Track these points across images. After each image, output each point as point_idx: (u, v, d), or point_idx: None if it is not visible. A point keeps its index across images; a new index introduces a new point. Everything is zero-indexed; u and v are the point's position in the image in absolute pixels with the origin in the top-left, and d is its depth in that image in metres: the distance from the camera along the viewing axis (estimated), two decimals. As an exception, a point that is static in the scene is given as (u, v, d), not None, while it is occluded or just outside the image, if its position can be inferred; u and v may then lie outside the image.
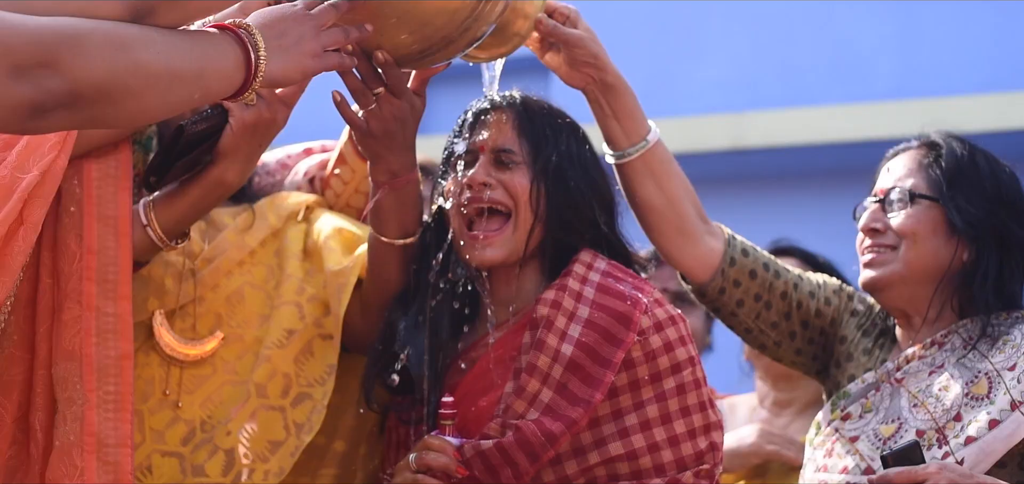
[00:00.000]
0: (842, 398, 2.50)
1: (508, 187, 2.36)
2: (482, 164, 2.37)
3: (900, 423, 2.39)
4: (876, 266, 2.49)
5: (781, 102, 8.18)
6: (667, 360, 2.27)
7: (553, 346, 2.24)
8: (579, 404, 2.21)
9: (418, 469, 2.22)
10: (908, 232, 2.46)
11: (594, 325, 2.26)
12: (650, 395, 2.25)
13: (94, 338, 2.12)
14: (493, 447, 2.19)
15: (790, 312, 2.56)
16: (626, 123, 2.46)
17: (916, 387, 2.42)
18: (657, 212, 2.50)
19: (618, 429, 2.23)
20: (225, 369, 2.40)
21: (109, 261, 2.15)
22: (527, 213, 2.36)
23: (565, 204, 2.36)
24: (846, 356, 2.57)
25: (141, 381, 2.32)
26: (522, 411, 2.22)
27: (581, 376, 2.23)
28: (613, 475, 2.22)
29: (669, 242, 2.53)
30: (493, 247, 2.35)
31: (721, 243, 2.54)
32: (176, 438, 2.33)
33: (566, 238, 2.38)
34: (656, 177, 2.48)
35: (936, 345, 2.45)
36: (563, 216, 2.37)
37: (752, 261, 2.55)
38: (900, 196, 2.47)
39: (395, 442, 2.43)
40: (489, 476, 2.20)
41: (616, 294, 2.29)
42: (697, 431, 2.27)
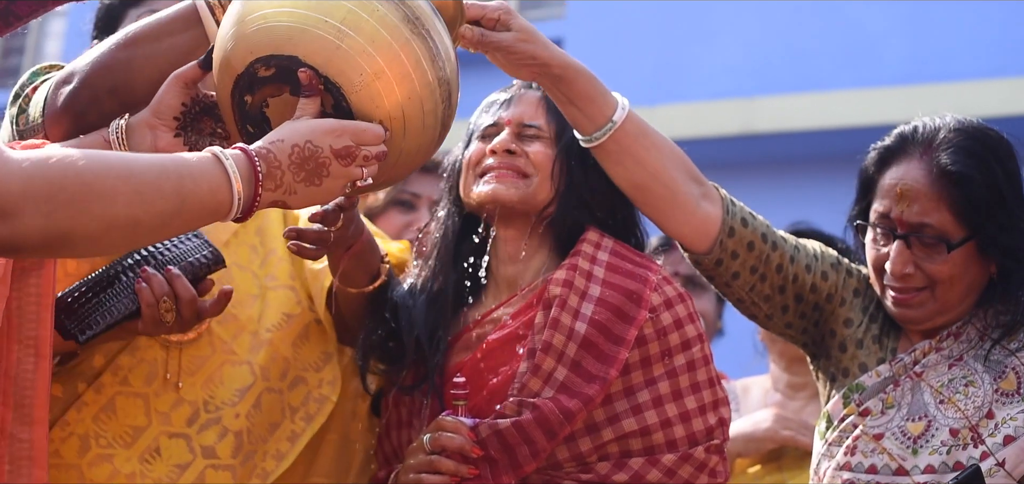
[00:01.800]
0: (855, 391, 2.44)
1: (531, 157, 2.39)
2: (507, 134, 2.41)
3: (929, 421, 2.35)
4: (909, 307, 2.40)
5: (791, 87, 8.19)
6: (677, 337, 2.29)
7: (567, 324, 2.26)
8: (594, 381, 2.23)
9: (433, 450, 2.23)
10: (946, 278, 2.36)
11: (606, 303, 2.28)
12: (661, 372, 2.28)
13: (7, 466, 2.00)
14: (511, 426, 2.20)
15: (785, 286, 2.47)
16: (587, 108, 2.32)
17: (938, 382, 2.38)
18: (643, 188, 2.39)
19: (631, 406, 2.25)
20: (223, 349, 2.41)
21: (26, 385, 2.03)
22: (546, 182, 2.39)
23: (585, 183, 2.39)
24: (855, 342, 2.50)
25: (144, 365, 2.33)
26: (537, 389, 2.23)
27: (595, 353, 2.25)
28: (626, 451, 2.24)
29: (662, 215, 2.41)
30: (505, 185, 2.38)
31: (718, 208, 2.42)
32: (181, 419, 2.34)
33: (580, 217, 2.40)
34: (633, 154, 2.36)
35: (951, 336, 2.41)
36: (581, 195, 2.40)
37: (751, 232, 2.43)
38: (934, 240, 2.35)
39: (396, 422, 2.43)
40: (505, 455, 2.21)
41: (626, 272, 2.32)
42: (707, 407, 2.29)
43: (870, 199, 2.46)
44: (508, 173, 2.38)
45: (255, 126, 1.93)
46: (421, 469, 2.22)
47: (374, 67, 1.84)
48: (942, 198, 2.33)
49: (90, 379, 2.29)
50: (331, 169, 1.82)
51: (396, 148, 1.90)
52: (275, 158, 1.77)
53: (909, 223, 2.36)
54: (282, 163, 1.78)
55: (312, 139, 1.80)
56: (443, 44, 1.91)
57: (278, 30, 1.85)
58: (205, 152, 1.74)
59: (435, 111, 1.90)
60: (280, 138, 1.79)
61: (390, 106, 1.86)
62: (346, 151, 1.83)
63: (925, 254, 2.36)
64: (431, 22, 1.90)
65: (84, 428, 2.26)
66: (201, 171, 1.71)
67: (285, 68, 1.86)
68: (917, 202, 2.35)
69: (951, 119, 2.42)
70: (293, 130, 1.80)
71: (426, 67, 1.87)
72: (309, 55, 1.84)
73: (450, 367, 2.36)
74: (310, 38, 1.84)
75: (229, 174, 1.72)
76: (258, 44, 1.87)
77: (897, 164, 2.41)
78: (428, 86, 1.88)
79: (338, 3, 1.84)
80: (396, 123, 1.88)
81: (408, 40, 1.86)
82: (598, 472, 2.22)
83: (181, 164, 1.70)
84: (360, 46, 1.83)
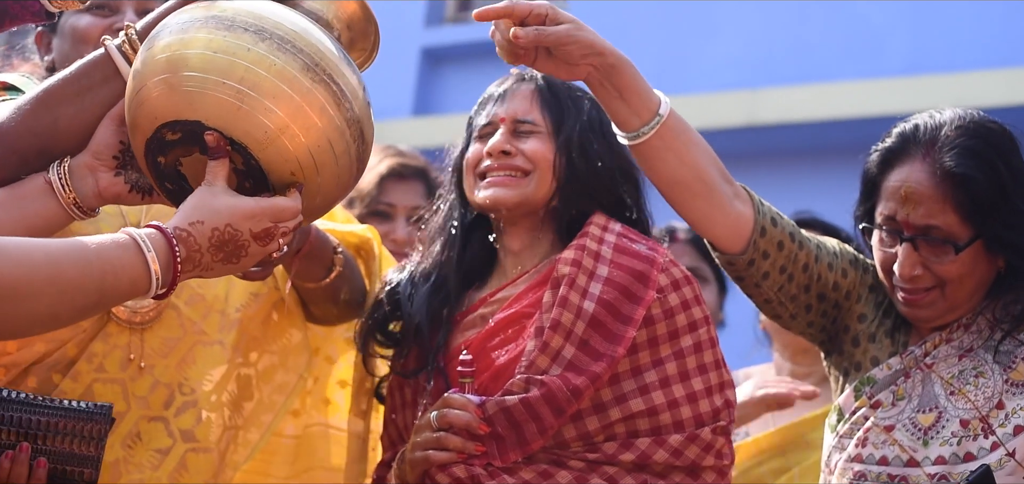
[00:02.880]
0: (866, 384, 2.45)
1: (528, 154, 2.41)
2: (502, 134, 2.42)
3: (940, 412, 2.36)
4: (919, 307, 2.41)
5: (795, 79, 8.19)
6: (684, 318, 2.31)
7: (575, 303, 2.28)
8: (602, 359, 2.24)
9: (440, 427, 2.24)
10: (954, 277, 2.37)
11: (614, 283, 2.30)
12: (668, 352, 2.29)
13: None
14: (519, 403, 2.22)
15: (810, 285, 2.47)
16: (635, 101, 2.29)
17: (948, 373, 2.39)
18: (683, 185, 2.35)
19: (638, 386, 2.27)
20: (193, 330, 2.42)
21: None
22: (547, 176, 2.41)
23: (587, 172, 2.41)
24: (868, 336, 2.51)
25: (118, 350, 2.33)
26: (545, 367, 2.24)
27: (602, 333, 2.26)
28: (633, 431, 2.25)
29: (699, 213, 2.39)
30: (507, 189, 2.39)
31: (750, 209, 2.41)
32: (158, 403, 2.36)
33: (586, 206, 2.41)
34: (676, 150, 2.32)
35: (962, 328, 2.42)
36: (585, 184, 2.42)
37: (780, 231, 2.43)
38: (941, 241, 2.35)
39: (400, 404, 2.45)
40: (512, 432, 2.22)
41: (633, 254, 2.34)
42: (713, 388, 2.31)
43: (874, 200, 2.45)
44: (507, 176, 2.40)
45: (173, 182, 1.97)
46: (428, 446, 2.24)
47: (277, 122, 1.85)
48: (947, 200, 2.33)
49: (65, 369, 2.29)
50: (250, 250, 1.88)
51: (311, 191, 1.93)
52: (195, 242, 1.82)
53: (915, 226, 2.36)
54: (202, 246, 1.83)
55: (232, 223, 1.85)
56: (349, 83, 1.91)
57: (178, 94, 1.86)
58: (127, 239, 1.78)
59: (347, 151, 1.92)
60: (200, 219, 1.84)
61: (299, 156, 1.88)
62: (265, 233, 1.88)
63: (933, 255, 2.36)
64: (333, 65, 1.90)
65: None
66: (122, 264, 1.76)
67: (191, 131, 1.87)
68: (922, 205, 2.35)
69: (951, 114, 2.40)
70: (213, 212, 1.84)
71: (332, 112, 1.88)
72: (211, 118, 1.86)
73: (455, 347, 2.38)
74: (210, 101, 1.85)
75: (149, 265, 1.78)
76: (161, 110, 1.89)
77: (900, 166, 2.40)
78: (336, 129, 1.89)
79: (235, 61, 1.85)
80: (308, 170, 1.89)
81: (309, 89, 1.87)
82: (605, 451, 2.24)
83: (105, 260, 1.75)
84: (261, 104, 1.84)
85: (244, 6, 1.91)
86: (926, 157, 2.36)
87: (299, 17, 1.94)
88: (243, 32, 1.86)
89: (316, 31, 1.92)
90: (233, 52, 1.85)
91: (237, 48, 1.85)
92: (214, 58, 1.85)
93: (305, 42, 1.88)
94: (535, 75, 2.48)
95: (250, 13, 1.89)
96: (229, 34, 1.86)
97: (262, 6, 1.92)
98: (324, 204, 2.00)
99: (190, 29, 1.89)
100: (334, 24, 2.05)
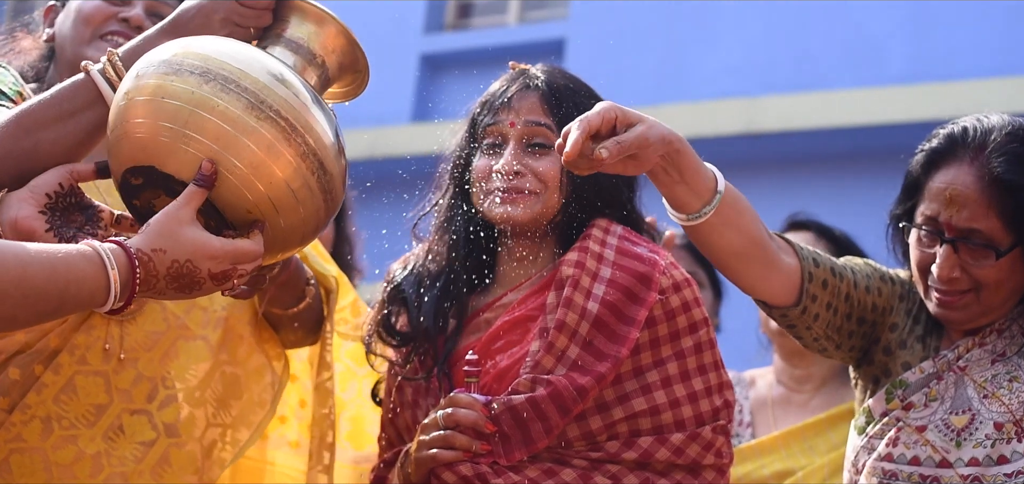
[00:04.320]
0: (899, 387, 2.45)
1: (538, 175, 2.40)
2: (512, 151, 2.42)
3: (973, 414, 2.37)
4: (953, 309, 2.41)
5: (794, 86, 8.19)
6: (685, 319, 2.33)
7: (580, 304, 2.29)
8: (606, 359, 2.26)
9: (446, 425, 2.25)
10: (992, 282, 2.37)
11: (617, 284, 2.31)
12: (669, 353, 2.31)
13: None
14: (525, 401, 2.23)
15: (851, 312, 2.47)
16: (696, 182, 2.19)
17: (981, 377, 2.40)
18: (741, 254, 2.30)
19: (640, 386, 2.29)
20: (176, 324, 2.42)
21: None
22: (555, 193, 2.41)
23: (590, 183, 2.40)
24: (899, 343, 2.51)
25: (101, 342, 2.33)
26: (550, 367, 2.26)
27: (606, 333, 2.28)
28: (635, 430, 2.27)
29: (755, 277, 2.35)
30: (517, 207, 2.39)
31: (795, 259, 2.38)
32: (142, 396, 2.35)
33: (588, 215, 2.42)
34: (733, 222, 2.25)
35: (995, 333, 2.43)
36: (587, 195, 2.42)
37: (822, 270, 2.41)
38: (982, 245, 2.34)
39: (401, 403, 2.45)
40: (518, 431, 2.23)
41: (635, 256, 2.35)
42: (713, 389, 2.33)
43: (916, 200, 2.45)
44: (516, 194, 2.40)
45: None
46: (435, 444, 2.24)
47: (226, 164, 1.87)
48: (992, 205, 2.33)
49: (47, 360, 2.28)
50: (204, 287, 1.91)
51: (275, 229, 1.94)
52: (154, 268, 1.85)
53: (958, 228, 2.36)
54: (160, 274, 1.85)
55: (192, 260, 1.88)
56: (301, 118, 1.92)
57: (133, 140, 1.90)
58: (93, 252, 1.81)
59: (307, 185, 1.93)
60: (163, 248, 1.86)
61: (254, 197, 1.90)
62: (223, 274, 1.90)
63: (972, 258, 2.36)
64: (280, 100, 1.91)
65: (45, 410, 2.25)
66: (85, 276, 1.79)
67: (151, 176, 1.91)
68: (967, 208, 2.35)
69: (1000, 120, 2.40)
70: (177, 244, 1.87)
71: (281, 148, 1.89)
72: (164, 163, 1.89)
73: (459, 350, 2.39)
74: (160, 146, 1.88)
75: (110, 281, 1.80)
76: (123, 155, 1.93)
77: (946, 167, 2.39)
78: (289, 165, 1.90)
79: (181, 106, 1.88)
80: (264, 207, 1.91)
81: (254, 128, 1.88)
82: (607, 450, 2.26)
83: (70, 269, 1.78)
84: (206, 147, 1.87)
85: (197, 47, 1.95)
86: (974, 161, 2.36)
87: (263, 58, 1.97)
88: (189, 75, 1.89)
89: (276, 73, 1.94)
90: (178, 96, 1.88)
91: (182, 92, 1.88)
92: (162, 104, 1.88)
93: (250, 80, 1.90)
94: (538, 76, 2.47)
95: (198, 55, 1.93)
96: (177, 78, 1.89)
97: (218, 46, 1.96)
98: (296, 238, 2.01)
99: (144, 75, 1.93)
100: (318, 54, 2.08)
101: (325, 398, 2.70)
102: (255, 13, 2.12)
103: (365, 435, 2.90)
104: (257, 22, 2.13)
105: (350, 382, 2.93)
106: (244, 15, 2.12)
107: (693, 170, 2.18)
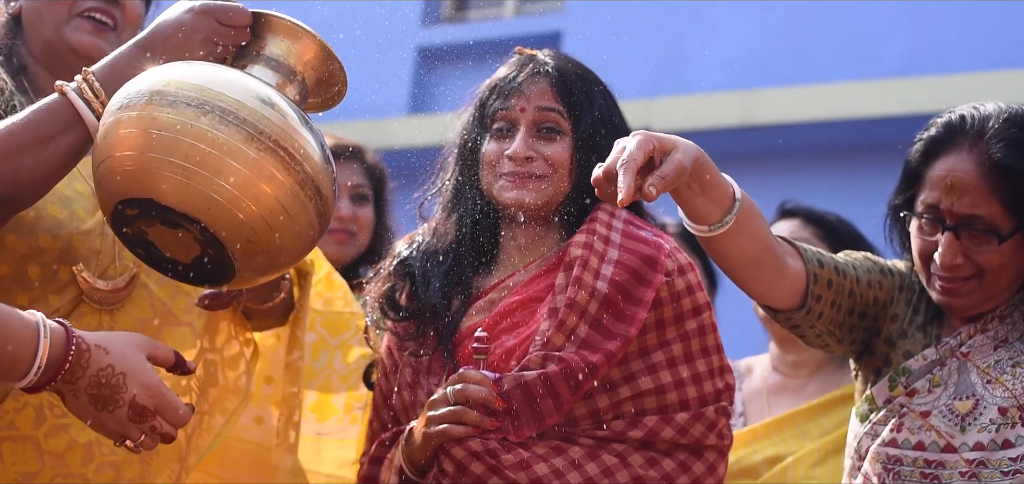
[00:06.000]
0: (902, 374, 2.47)
1: (549, 159, 2.43)
2: (523, 137, 2.44)
3: (977, 399, 2.39)
4: (956, 296, 2.43)
5: (790, 79, 8.19)
6: (689, 302, 2.36)
7: (590, 283, 2.31)
8: (615, 338, 2.28)
9: (457, 400, 2.26)
10: (994, 268, 2.39)
11: (624, 265, 2.34)
12: (674, 335, 2.34)
13: None
14: (536, 377, 2.24)
15: (853, 308, 2.48)
16: (716, 194, 2.18)
17: (984, 362, 2.42)
18: (756, 262, 2.30)
19: (646, 366, 2.31)
20: (162, 310, 2.42)
21: None
22: (565, 179, 2.44)
23: None
24: (900, 334, 2.53)
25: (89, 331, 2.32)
26: (560, 344, 2.28)
27: (614, 313, 2.30)
28: (640, 409, 2.30)
29: (766, 284, 2.36)
30: (526, 191, 2.41)
31: (800, 262, 2.39)
32: None
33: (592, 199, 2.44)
34: (750, 231, 2.25)
35: (997, 319, 2.46)
36: None
37: (826, 270, 2.42)
38: (984, 231, 2.36)
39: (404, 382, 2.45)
40: (528, 408, 2.24)
41: (641, 239, 2.38)
42: (715, 371, 2.37)
43: (916, 189, 2.47)
44: (527, 179, 2.42)
45: (143, 248, 2.00)
46: (446, 419, 2.25)
47: (226, 196, 1.89)
48: (993, 191, 2.35)
49: None
50: (116, 411, 1.85)
51: (268, 248, 1.96)
52: (87, 362, 1.82)
53: (959, 215, 2.38)
54: (88, 370, 1.82)
55: (127, 376, 1.85)
56: (298, 145, 1.94)
57: (128, 174, 1.90)
58: (33, 320, 1.78)
59: (304, 210, 1.96)
60: (107, 350, 1.84)
61: (253, 224, 1.91)
62: (142, 410, 1.87)
63: (974, 245, 2.38)
64: (278, 130, 1.93)
65: (38, 398, 2.24)
66: (16, 337, 1.76)
67: (147, 207, 1.91)
68: (967, 194, 2.37)
69: (997, 107, 2.43)
70: (121, 356, 1.85)
71: (281, 177, 1.92)
72: (161, 195, 1.90)
73: (463, 329, 2.41)
74: (158, 179, 1.89)
75: (38, 352, 1.77)
76: (115, 188, 1.93)
77: (946, 155, 2.41)
78: (288, 193, 1.93)
79: (178, 139, 1.88)
80: (263, 234, 1.93)
81: (255, 159, 1.90)
82: (613, 429, 2.28)
83: (6, 326, 1.75)
84: (207, 179, 1.88)
85: (189, 77, 1.95)
86: (973, 148, 2.38)
87: (247, 81, 1.98)
88: (185, 107, 1.89)
89: (262, 96, 1.95)
90: (176, 130, 1.88)
91: (180, 125, 1.88)
92: (159, 137, 1.88)
93: (248, 111, 1.91)
94: (548, 62, 2.49)
95: (193, 85, 1.92)
96: (172, 111, 1.89)
97: (207, 73, 1.96)
98: (289, 260, 2.05)
99: (136, 106, 1.92)
100: (297, 69, 2.09)
101: (295, 377, 2.70)
102: (234, 32, 2.12)
103: (330, 407, 2.92)
104: (236, 41, 2.12)
105: (321, 352, 2.94)
106: (224, 35, 2.11)
107: (714, 183, 2.17)
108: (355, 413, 2.94)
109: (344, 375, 2.95)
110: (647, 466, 2.27)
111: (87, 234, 2.32)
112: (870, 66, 8.04)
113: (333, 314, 2.97)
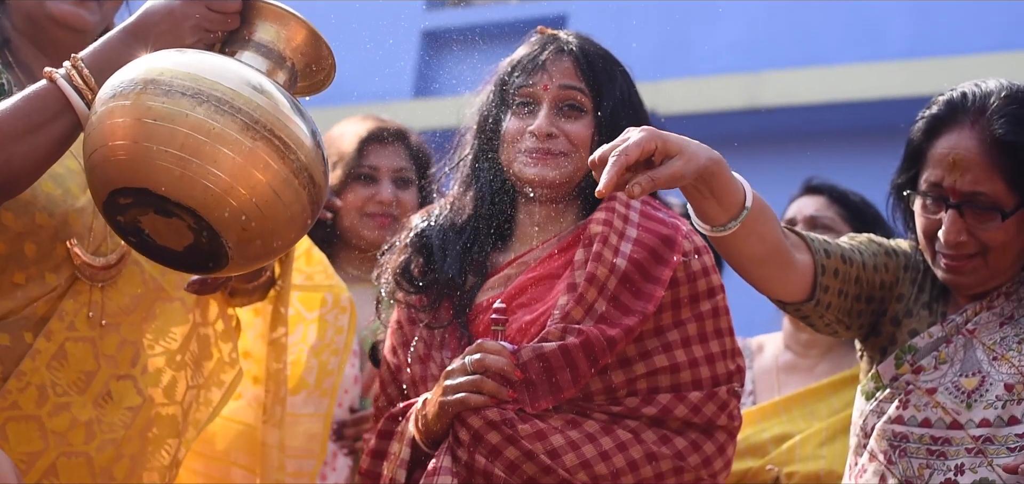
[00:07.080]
0: (908, 352, 2.48)
1: (571, 137, 2.44)
2: (546, 114, 2.45)
3: (983, 376, 2.40)
4: (961, 274, 2.43)
5: (796, 61, 8.20)
6: (704, 283, 2.38)
7: (609, 259, 2.33)
8: (633, 314, 2.30)
9: (475, 370, 2.27)
10: (999, 245, 2.39)
11: (643, 244, 2.36)
12: (689, 315, 2.36)
13: None
14: (556, 349, 2.26)
15: (860, 294, 2.49)
16: (727, 198, 2.18)
17: (990, 339, 2.43)
18: (763, 261, 2.32)
19: (661, 344, 2.33)
20: (153, 286, 2.42)
21: None
22: (585, 156, 2.44)
23: None
24: (905, 312, 2.54)
25: (86, 308, 2.33)
26: (579, 318, 2.29)
27: (632, 290, 2.32)
28: (654, 387, 2.31)
29: (775, 281, 2.38)
30: (548, 168, 2.43)
31: (808, 254, 2.41)
32: (126, 361, 2.37)
33: None
34: (758, 231, 2.25)
35: (1003, 297, 2.46)
36: None
37: (833, 260, 2.43)
38: (987, 207, 2.36)
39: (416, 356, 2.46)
40: (546, 379, 2.26)
41: (658, 220, 2.41)
42: (728, 353, 2.38)
43: (919, 168, 2.47)
44: (549, 156, 2.43)
45: (136, 236, 2.02)
46: (464, 388, 2.26)
47: (221, 184, 1.91)
48: (995, 167, 2.35)
49: (36, 327, 2.28)
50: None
51: (262, 235, 1.98)
52: None
53: (962, 192, 2.38)
54: None
55: None
56: (293, 134, 1.96)
57: (122, 163, 1.92)
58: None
59: (297, 198, 1.98)
60: None
61: (247, 211, 1.93)
62: None
63: (978, 221, 2.38)
64: (273, 118, 1.94)
65: (40, 377, 2.26)
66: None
67: (142, 197, 1.92)
68: (970, 171, 2.37)
69: (998, 84, 2.43)
70: None
71: (276, 166, 1.93)
72: (157, 185, 1.91)
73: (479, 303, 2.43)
74: (154, 169, 1.90)
75: None
76: (109, 177, 1.94)
77: (948, 133, 2.42)
78: (282, 181, 1.95)
79: (175, 129, 1.89)
80: (257, 221, 1.95)
81: (251, 148, 1.91)
82: (627, 405, 2.30)
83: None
84: (203, 168, 1.90)
85: (182, 65, 1.96)
86: (975, 124, 2.38)
87: (240, 69, 1.99)
88: (180, 96, 1.90)
89: (255, 84, 1.97)
90: (172, 119, 1.89)
91: (176, 115, 1.89)
92: (154, 126, 1.89)
93: (243, 101, 1.92)
94: (570, 41, 2.51)
95: (187, 74, 1.93)
96: (167, 100, 1.90)
97: (200, 61, 1.97)
98: (281, 246, 2.06)
99: (129, 94, 1.93)
100: (286, 54, 2.11)
101: (280, 353, 2.71)
102: (224, 18, 2.12)
103: (301, 380, 2.93)
104: (225, 27, 2.13)
105: (297, 326, 2.95)
106: (214, 21, 2.12)
107: (724, 190, 2.17)
108: (325, 387, 2.95)
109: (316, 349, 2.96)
110: (660, 443, 2.29)
111: (81, 212, 2.32)
112: (875, 48, 8.04)
113: (310, 292, 2.98)
